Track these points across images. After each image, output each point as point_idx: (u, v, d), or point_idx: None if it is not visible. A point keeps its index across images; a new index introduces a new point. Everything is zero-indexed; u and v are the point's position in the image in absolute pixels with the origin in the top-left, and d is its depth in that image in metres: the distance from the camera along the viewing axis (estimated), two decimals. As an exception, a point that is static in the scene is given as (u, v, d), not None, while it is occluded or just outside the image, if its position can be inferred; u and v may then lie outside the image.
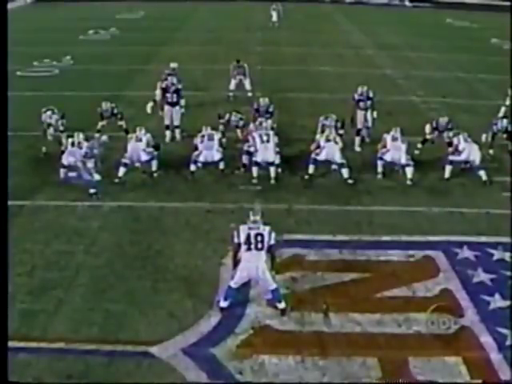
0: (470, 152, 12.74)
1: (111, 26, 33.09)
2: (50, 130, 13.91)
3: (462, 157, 12.83)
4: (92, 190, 11.83)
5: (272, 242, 8.30)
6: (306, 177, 12.66)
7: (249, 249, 8.22)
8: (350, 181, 12.49)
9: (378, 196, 12.12)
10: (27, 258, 9.72)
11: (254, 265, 8.18)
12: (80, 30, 31.52)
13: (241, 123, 14.17)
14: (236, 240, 8.31)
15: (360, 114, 14.54)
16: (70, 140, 12.67)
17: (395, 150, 12.64)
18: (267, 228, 8.34)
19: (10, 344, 7.45)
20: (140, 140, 12.67)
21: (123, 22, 35.12)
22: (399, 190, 12.42)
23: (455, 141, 13.02)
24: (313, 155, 12.64)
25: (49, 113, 13.96)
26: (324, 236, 10.46)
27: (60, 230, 10.65)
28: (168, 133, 14.84)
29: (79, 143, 12.50)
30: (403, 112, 17.29)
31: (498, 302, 8.74)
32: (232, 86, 18.50)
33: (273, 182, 12.52)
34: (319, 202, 11.78)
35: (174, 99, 14.93)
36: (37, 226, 10.81)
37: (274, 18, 34.07)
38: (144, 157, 12.61)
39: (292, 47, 28.00)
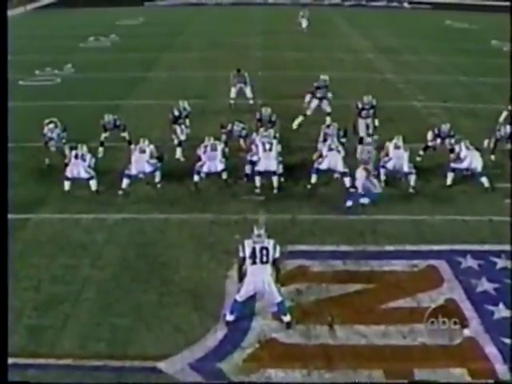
0: (472, 159, 12.79)
1: (111, 33, 33.14)
2: (52, 143, 13.94)
3: (464, 164, 12.88)
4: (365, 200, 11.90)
5: (277, 255, 8.38)
6: (309, 186, 12.72)
7: (254, 262, 8.29)
8: (352, 189, 12.54)
9: (381, 205, 12.16)
10: (33, 272, 9.79)
11: (259, 278, 8.25)
12: (80, 38, 31.58)
13: (243, 133, 14.22)
14: (241, 254, 8.38)
15: (362, 123, 14.59)
16: (73, 152, 12.74)
17: (398, 158, 12.70)
18: (271, 241, 8.42)
19: (19, 361, 7.66)
20: (143, 151, 12.73)
21: (123, 29, 35.18)
22: (402, 199, 12.46)
23: (457, 148, 13.09)
24: (315, 164, 12.70)
25: (51, 126, 13.97)
26: (328, 247, 10.52)
27: (65, 243, 10.72)
28: (179, 149, 14.52)
29: (82, 155, 12.59)
30: (404, 118, 17.35)
31: (502, 311, 8.79)
32: (233, 94, 18.49)
33: (275, 191, 12.58)
34: (322, 211, 11.82)
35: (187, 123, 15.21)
36: (42, 239, 10.88)
37: (304, 24, 34.13)
38: (148, 168, 12.67)
39: (292, 52, 28.02)
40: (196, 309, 8.83)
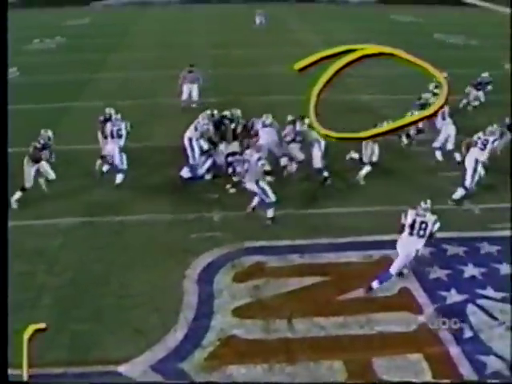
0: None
1: (56, 34, 32.54)
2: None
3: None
4: None
5: (435, 229, 8.95)
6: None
7: (411, 234, 8.92)
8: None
9: (335, 198, 12.36)
10: (-13, 281, 9.57)
11: (407, 249, 9.05)
12: (24, 40, 30.84)
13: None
14: (403, 220, 9.08)
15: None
16: (108, 127, 12.74)
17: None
18: (433, 218, 8.90)
19: (-24, 373, 7.43)
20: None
21: (69, 30, 34.62)
22: (356, 190, 12.69)
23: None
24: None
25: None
26: (284, 241, 10.66)
27: (20, 250, 10.50)
28: None
29: (119, 131, 12.63)
30: (356, 111, 17.57)
31: (454, 296, 9.11)
32: (184, 95, 18.37)
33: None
34: (278, 206, 11.92)
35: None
36: (-5, 247, 10.64)
37: (258, 21, 35.34)
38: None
39: (241, 49, 28.09)
40: (155, 310, 8.83)
